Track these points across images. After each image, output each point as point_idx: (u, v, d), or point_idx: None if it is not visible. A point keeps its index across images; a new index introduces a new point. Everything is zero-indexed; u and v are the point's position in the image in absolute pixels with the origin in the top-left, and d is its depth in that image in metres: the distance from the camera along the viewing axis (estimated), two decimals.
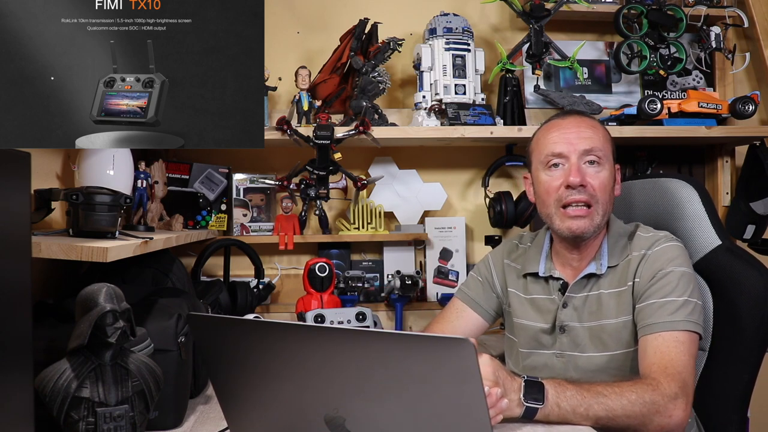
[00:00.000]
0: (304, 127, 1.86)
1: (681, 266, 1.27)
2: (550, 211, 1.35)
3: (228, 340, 0.87)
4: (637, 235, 1.36)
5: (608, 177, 1.33)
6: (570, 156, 1.32)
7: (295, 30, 2.13)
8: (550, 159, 1.34)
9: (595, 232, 1.33)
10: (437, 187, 2.12)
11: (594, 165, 1.32)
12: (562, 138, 1.34)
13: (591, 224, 1.31)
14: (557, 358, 1.36)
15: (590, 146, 1.32)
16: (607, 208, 1.33)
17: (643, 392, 1.13)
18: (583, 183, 1.30)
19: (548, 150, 1.35)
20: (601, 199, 1.31)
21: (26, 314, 0.81)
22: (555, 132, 1.36)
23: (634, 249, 1.34)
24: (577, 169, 1.30)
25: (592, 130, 1.35)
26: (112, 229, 1.17)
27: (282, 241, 1.97)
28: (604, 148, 1.34)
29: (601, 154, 1.33)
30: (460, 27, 1.94)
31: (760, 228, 2.06)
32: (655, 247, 1.31)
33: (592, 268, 1.35)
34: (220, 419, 1.02)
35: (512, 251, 1.51)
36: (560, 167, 1.33)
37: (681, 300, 1.23)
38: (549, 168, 1.34)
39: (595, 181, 1.31)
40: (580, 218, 1.30)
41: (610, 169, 1.34)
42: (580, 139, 1.32)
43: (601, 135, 1.35)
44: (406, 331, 1.95)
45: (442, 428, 0.73)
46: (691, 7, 2.08)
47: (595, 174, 1.32)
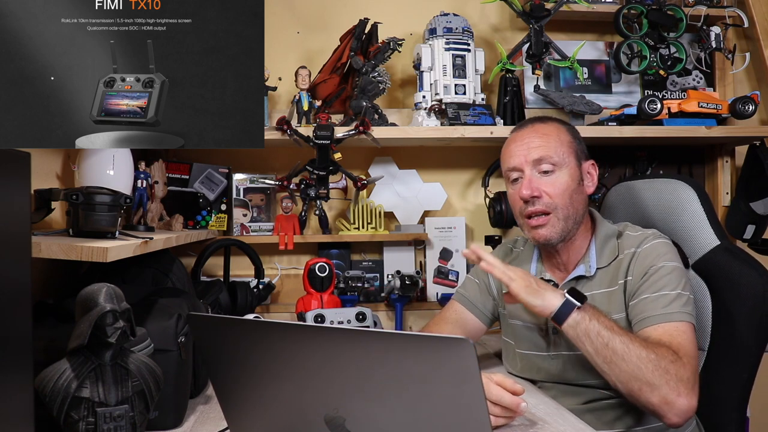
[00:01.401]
0: (304, 127, 1.86)
1: (671, 261, 1.29)
2: (519, 222, 1.40)
3: (228, 340, 0.87)
4: (625, 235, 1.38)
5: (567, 181, 1.34)
6: (524, 168, 1.35)
7: (295, 30, 2.13)
8: (509, 174, 1.39)
9: (562, 236, 1.35)
10: (437, 187, 2.12)
11: (549, 173, 1.34)
12: (516, 151, 1.38)
13: (553, 231, 1.33)
14: (552, 359, 1.36)
15: (540, 155, 1.34)
16: (568, 211, 1.34)
17: (663, 358, 1.15)
18: (535, 194, 1.33)
19: (506, 165, 1.40)
20: (560, 204, 1.33)
21: (26, 314, 0.81)
22: (511, 145, 1.40)
23: (624, 248, 1.35)
24: (529, 181, 1.34)
25: (542, 138, 1.36)
26: (112, 229, 1.17)
27: (282, 241, 1.97)
28: (558, 153, 1.34)
29: (554, 160, 1.34)
30: (460, 27, 1.94)
31: (760, 228, 2.06)
32: (645, 245, 1.32)
33: (581, 271, 1.36)
34: (220, 419, 1.02)
35: (507, 255, 1.54)
36: (518, 180, 1.37)
37: (674, 293, 1.25)
38: (510, 181, 1.40)
39: (550, 189, 1.33)
40: (541, 227, 1.34)
41: (570, 172, 1.35)
42: (530, 150, 1.35)
43: (553, 141, 1.36)
44: (406, 331, 1.96)
45: (442, 428, 0.73)
46: (691, 7, 2.08)
47: (551, 182, 1.33)
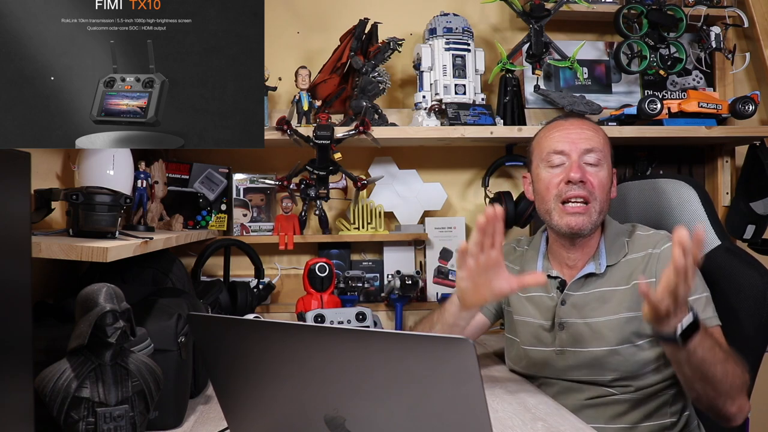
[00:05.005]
0: (304, 127, 1.86)
1: None
2: (549, 206, 1.37)
3: (228, 340, 0.87)
4: (636, 234, 1.39)
5: (606, 177, 1.37)
6: (571, 153, 1.36)
7: (295, 30, 2.13)
8: (552, 156, 1.37)
9: (592, 229, 1.36)
10: (437, 187, 2.12)
11: (594, 164, 1.36)
12: (564, 137, 1.38)
13: (589, 221, 1.34)
14: (557, 355, 1.36)
15: (591, 146, 1.36)
16: (603, 206, 1.36)
17: (744, 370, 1.19)
18: (583, 179, 1.33)
19: (550, 147, 1.38)
20: (599, 197, 1.35)
21: (26, 314, 0.81)
22: (557, 131, 1.39)
23: (635, 248, 1.36)
24: (578, 165, 1.34)
25: (593, 131, 1.39)
26: (112, 229, 1.17)
27: (282, 241, 1.97)
28: (603, 150, 1.38)
29: (601, 155, 1.37)
30: (460, 27, 1.94)
31: (760, 228, 2.06)
32: (663, 245, 1.33)
33: (591, 268, 1.37)
34: (220, 419, 1.02)
35: (510, 254, 1.53)
36: (561, 165, 1.36)
37: (704, 296, 1.29)
38: (550, 165, 1.38)
39: (594, 179, 1.35)
40: (578, 215, 1.34)
41: (608, 171, 1.38)
42: (582, 139, 1.36)
43: (601, 137, 1.39)
44: (406, 331, 1.95)
45: (441, 428, 0.73)
46: (691, 7, 2.08)
47: (595, 173, 1.35)
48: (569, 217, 1.34)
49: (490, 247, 1.17)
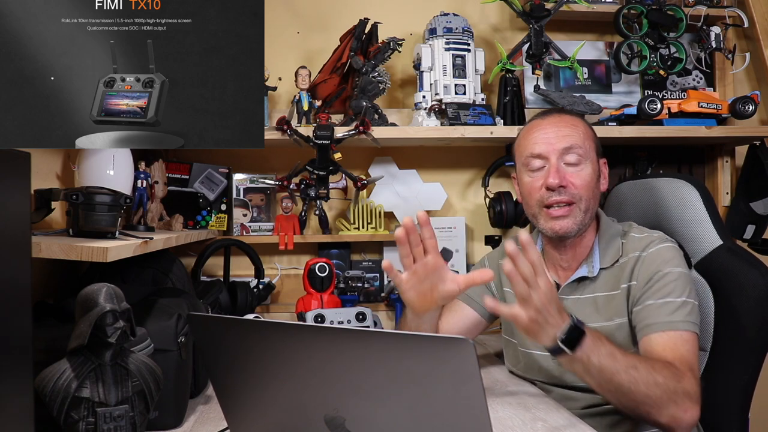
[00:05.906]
0: (304, 127, 1.86)
1: (677, 267, 1.27)
2: (534, 211, 1.36)
3: (228, 340, 0.87)
4: (630, 236, 1.36)
5: (590, 174, 1.33)
6: (550, 156, 1.32)
7: (295, 30, 2.13)
8: (530, 160, 1.35)
9: (580, 230, 1.33)
10: (437, 187, 2.12)
11: (574, 164, 1.32)
12: (541, 138, 1.34)
13: (574, 222, 1.31)
14: (553, 360, 1.36)
15: (569, 144, 1.32)
16: (590, 204, 1.33)
17: (669, 378, 1.12)
18: (563, 184, 1.30)
19: (528, 151, 1.35)
20: (584, 196, 1.31)
21: (26, 314, 0.81)
22: (535, 132, 1.36)
23: (628, 250, 1.33)
24: (557, 170, 1.31)
25: (571, 128, 1.34)
26: (112, 229, 1.17)
27: (282, 241, 1.97)
28: (584, 145, 1.33)
29: (581, 151, 1.32)
30: (460, 27, 1.94)
31: (760, 228, 2.06)
32: (650, 249, 1.30)
33: (584, 272, 1.35)
34: (220, 419, 1.02)
35: (504, 255, 1.51)
36: (541, 168, 1.33)
37: (679, 301, 1.23)
38: (530, 169, 1.35)
39: (576, 180, 1.31)
40: (562, 218, 1.31)
41: (593, 166, 1.34)
42: (559, 138, 1.32)
43: (581, 132, 1.34)
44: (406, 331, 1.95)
45: (442, 428, 0.73)
46: (691, 7, 2.08)
47: (576, 173, 1.31)
48: (553, 221, 1.32)
49: (423, 255, 1.15)
